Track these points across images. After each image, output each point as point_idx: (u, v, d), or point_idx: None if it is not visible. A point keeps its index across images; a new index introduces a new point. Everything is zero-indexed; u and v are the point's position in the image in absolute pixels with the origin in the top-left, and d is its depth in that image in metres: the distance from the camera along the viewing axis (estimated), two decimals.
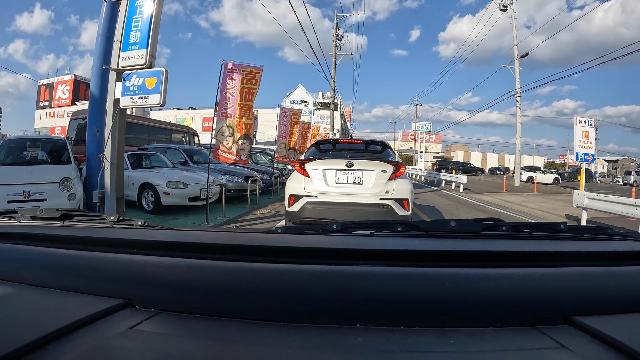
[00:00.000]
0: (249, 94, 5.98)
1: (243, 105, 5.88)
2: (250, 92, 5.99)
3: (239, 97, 5.82)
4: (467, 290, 0.53)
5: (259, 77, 6.06)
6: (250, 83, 5.97)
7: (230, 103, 5.78)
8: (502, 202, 10.98)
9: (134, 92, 4.45)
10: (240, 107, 5.83)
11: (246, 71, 5.90)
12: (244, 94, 5.90)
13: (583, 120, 17.12)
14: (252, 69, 5.98)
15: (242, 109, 5.86)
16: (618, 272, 0.61)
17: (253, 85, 6.01)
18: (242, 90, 5.85)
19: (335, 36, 22.15)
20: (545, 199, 12.71)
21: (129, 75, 4.57)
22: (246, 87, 5.91)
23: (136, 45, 4.54)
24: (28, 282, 0.62)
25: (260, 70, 6.05)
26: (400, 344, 0.44)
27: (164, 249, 0.69)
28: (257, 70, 6.02)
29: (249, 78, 5.96)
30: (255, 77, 6.02)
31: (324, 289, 0.53)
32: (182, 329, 0.49)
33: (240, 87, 5.81)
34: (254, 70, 5.99)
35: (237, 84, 5.81)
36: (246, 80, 5.91)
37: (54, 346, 0.43)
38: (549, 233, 0.84)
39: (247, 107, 5.97)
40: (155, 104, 4.24)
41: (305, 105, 39.99)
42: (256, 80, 6.04)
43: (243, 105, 5.88)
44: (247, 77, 5.92)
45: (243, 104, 5.87)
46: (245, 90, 5.91)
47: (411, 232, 0.80)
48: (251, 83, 5.98)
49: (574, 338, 0.46)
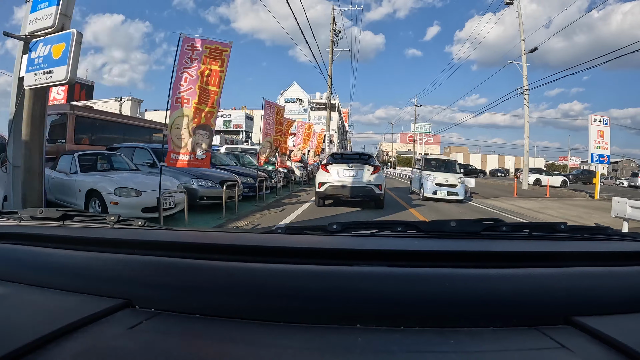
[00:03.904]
0: (213, 77, 4.74)
1: (204, 90, 4.64)
2: (215, 75, 4.75)
3: (200, 78, 4.59)
4: (467, 291, 0.53)
5: (226, 57, 4.83)
6: (216, 64, 4.75)
7: (188, 85, 4.55)
8: (517, 208, 9.74)
9: (38, 65, 3.23)
10: (200, 90, 4.59)
11: (210, 48, 4.66)
12: (206, 76, 4.67)
13: (598, 119, 15.84)
14: (218, 46, 4.74)
15: (202, 94, 4.62)
16: (618, 272, 0.61)
17: (219, 67, 4.77)
18: (204, 71, 4.62)
19: (332, 31, 20.94)
20: (562, 204, 11.51)
21: (35, 43, 3.36)
22: (209, 68, 4.69)
23: (46, 3, 3.33)
24: (28, 282, 0.61)
25: (228, 47, 4.82)
26: (400, 344, 0.45)
27: (164, 249, 0.69)
28: (224, 47, 4.79)
29: (214, 57, 4.72)
30: (221, 56, 4.79)
31: (324, 289, 0.53)
32: (182, 329, 0.49)
33: (201, 67, 4.59)
34: (220, 47, 4.76)
35: (198, 63, 4.59)
36: (210, 59, 4.69)
37: (54, 346, 0.42)
38: (549, 233, 0.85)
39: (211, 94, 4.74)
40: (60, 80, 3.01)
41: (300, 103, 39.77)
42: (223, 61, 4.80)
43: (204, 90, 4.64)
44: (211, 56, 4.69)
45: (204, 88, 4.64)
46: (208, 72, 4.68)
47: (411, 232, 0.80)
48: (217, 64, 4.75)
49: (574, 338, 0.45)
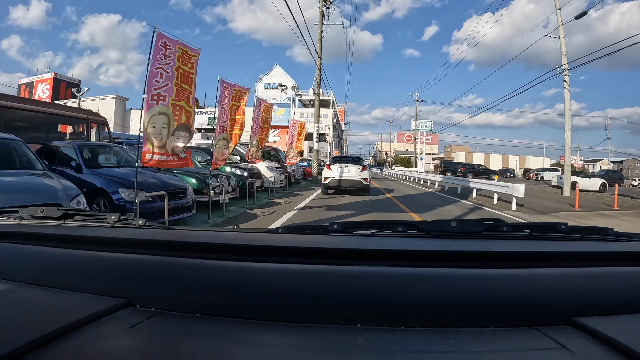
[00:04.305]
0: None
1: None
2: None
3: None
4: (467, 291, 0.52)
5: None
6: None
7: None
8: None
9: None
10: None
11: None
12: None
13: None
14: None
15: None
16: (619, 272, 0.61)
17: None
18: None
19: (323, 1, 17.96)
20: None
21: None
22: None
23: None
24: (29, 281, 0.61)
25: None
26: (401, 344, 0.44)
27: (164, 248, 0.69)
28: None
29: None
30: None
31: (325, 288, 0.53)
32: (182, 328, 0.48)
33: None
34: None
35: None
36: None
37: (54, 345, 0.42)
38: (549, 233, 0.84)
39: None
40: None
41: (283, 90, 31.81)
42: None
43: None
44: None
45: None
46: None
47: (412, 232, 0.80)
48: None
49: (574, 339, 0.45)
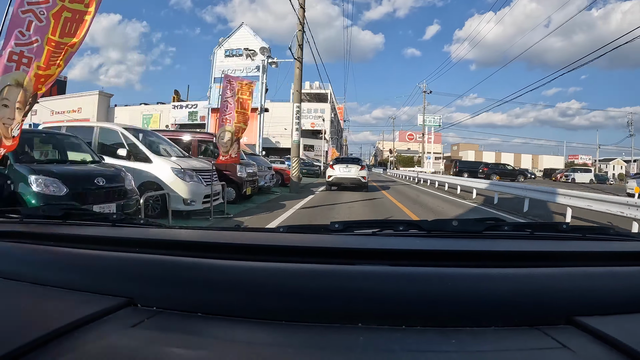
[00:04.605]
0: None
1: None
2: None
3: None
4: (468, 290, 0.53)
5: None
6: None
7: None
8: None
9: None
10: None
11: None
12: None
13: None
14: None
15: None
16: (620, 272, 0.61)
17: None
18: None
19: None
20: None
21: None
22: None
23: None
24: (30, 280, 0.61)
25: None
26: (402, 344, 0.45)
27: (166, 247, 0.69)
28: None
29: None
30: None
31: (326, 288, 0.53)
32: (184, 327, 0.49)
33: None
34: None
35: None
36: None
37: (56, 344, 0.43)
38: (551, 233, 0.85)
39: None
40: None
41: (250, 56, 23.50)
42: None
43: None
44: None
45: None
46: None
47: (413, 231, 0.80)
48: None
49: (575, 338, 0.45)
